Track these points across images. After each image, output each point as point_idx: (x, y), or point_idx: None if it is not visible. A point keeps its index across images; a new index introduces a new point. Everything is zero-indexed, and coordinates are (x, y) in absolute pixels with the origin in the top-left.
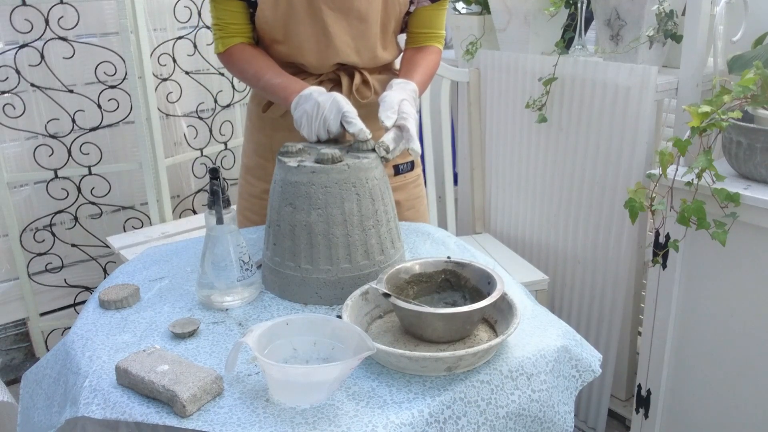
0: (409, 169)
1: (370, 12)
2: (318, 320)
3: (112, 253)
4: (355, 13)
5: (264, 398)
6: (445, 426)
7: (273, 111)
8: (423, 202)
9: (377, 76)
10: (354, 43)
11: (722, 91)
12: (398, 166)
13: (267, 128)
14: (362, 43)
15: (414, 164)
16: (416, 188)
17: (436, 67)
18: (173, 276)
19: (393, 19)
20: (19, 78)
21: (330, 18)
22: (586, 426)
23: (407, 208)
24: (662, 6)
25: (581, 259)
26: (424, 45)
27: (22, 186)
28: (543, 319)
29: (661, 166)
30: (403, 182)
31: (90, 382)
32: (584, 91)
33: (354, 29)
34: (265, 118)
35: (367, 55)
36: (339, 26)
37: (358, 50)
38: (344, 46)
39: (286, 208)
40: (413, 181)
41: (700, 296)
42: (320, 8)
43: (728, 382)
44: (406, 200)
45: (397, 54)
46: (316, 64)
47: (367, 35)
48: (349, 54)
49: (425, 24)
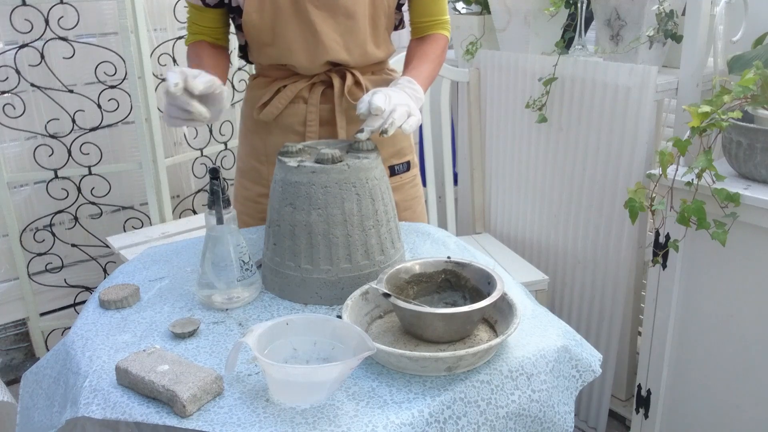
0: (405, 170)
1: (357, 8)
2: (318, 320)
3: (112, 253)
4: (341, 10)
5: (264, 398)
6: (445, 426)
7: (266, 114)
8: (420, 203)
9: (370, 77)
10: (343, 41)
11: (722, 91)
12: (394, 167)
13: (261, 131)
14: (351, 40)
15: (410, 165)
16: (413, 188)
17: (443, 55)
18: (173, 276)
19: (383, 14)
20: (19, 78)
21: (317, 16)
22: (586, 426)
23: (404, 209)
24: (662, 6)
25: (581, 259)
26: (429, 34)
27: (22, 186)
28: (543, 319)
29: (661, 166)
30: (399, 183)
31: (90, 382)
32: (584, 91)
33: (342, 26)
34: (258, 122)
35: (357, 52)
36: (326, 24)
37: (347, 48)
38: (333, 44)
39: (286, 208)
40: (409, 182)
41: (700, 296)
42: (306, 8)
43: (728, 382)
44: (403, 201)
45: (390, 52)
46: (307, 64)
47: (355, 32)
48: (339, 51)
49: (426, 12)
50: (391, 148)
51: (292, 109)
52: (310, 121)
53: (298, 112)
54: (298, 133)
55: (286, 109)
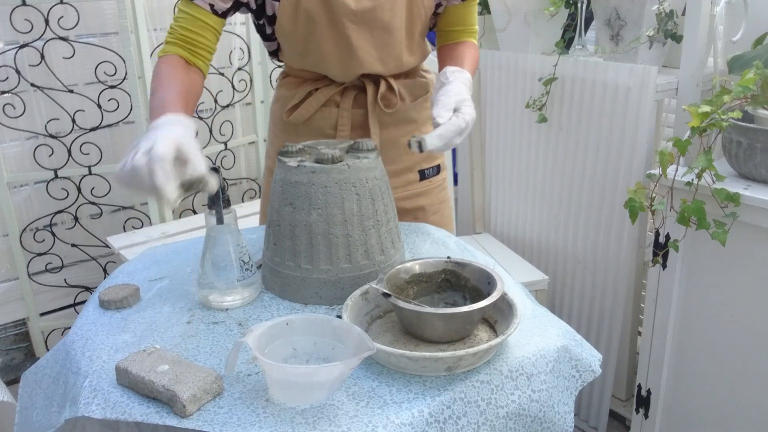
0: (435, 174)
1: (394, 21)
2: (318, 320)
3: (112, 253)
4: (379, 24)
5: (264, 398)
6: (445, 426)
7: (296, 117)
8: (448, 206)
9: (403, 81)
10: (378, 54)
11: (722, 91)
12: (424, 171)
13: (290, 132)
14: (387, 53)
15: (440, 168)
16: (441, 192)
17: (477, 61)
18: (173, 276)
19: (419, 23)
20: (19, 78)
21: (353, 31)
22: (587, 426)
23: (432, 212)
24: (662, 6)
25: (581, 259)
26: (459, 41)
27: (22, 186)
28: (543, 319)
29: (661, 166)
30: (428, 187)
31: (90, 382)
32: (584, 91)
33: (378, 40)
34: (288, 123)
35: (392, 64)
36: (363, 39)
37: (382, 60)
38: (368, 57)
39: (286, 208)
40: (438, 185)
41: (700, 296)
42: (342, 22)
43: (728, 382)
44: (431, 205)
45: (426, 55)
46: (340, 75)
47: (391, 44)
48: (374, 64)
49: (457, 21)
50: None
51: (323, 113)
52: (341, 126)
53: (329, 115)
54: (329, 136)
55: (317, 112)
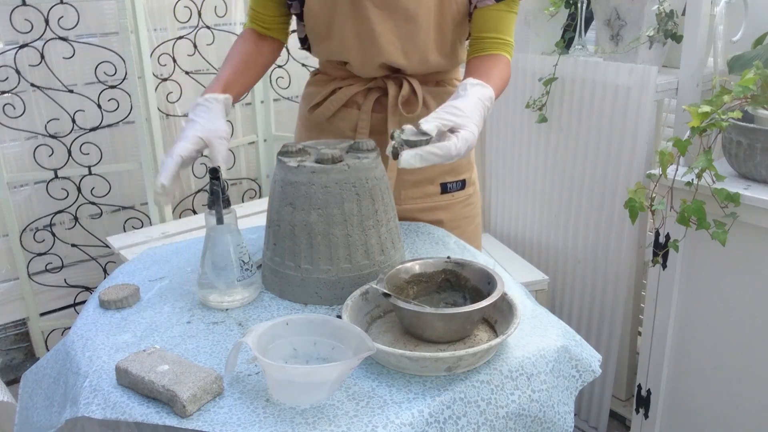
0: (459, 188)
1: (419, 12)
2: (318, 320)
3: (112, 253)
4: (402, 12)
5: (264, 398)
6: (445, 426)
7: (317, 115)
8: (473, 222)
9: (431, 88)
10: (401, 44)
11: (722, 91)
12: (446, 185)
13: (313, 130)
14: (410, 45)
15: (466, 183)
16: (465, 208)
17: (508, 79)
18: (173, 276)
19: (451, 20)
20: (19, 78)
21: (374, 15)
22: (587, 426)
23: (452, 228)
24: (662, 6)
25: (581, 259)
26: (490, 53)
27: (22, 186)
28: (543, 319)
29: (661, 166)
30: (450, 201)
31: (90, 382)
32: (584, 91)
33: (401, 29)
34: (312, 121)
35: (416, 59)
36: (384, 25)
37: (405, 52)
38: (389, 45)
39: (286, 207)
40: (462, 201)
41: (700, 296)
42: (364, 4)
43: (728, 382)
44: (452, 220)
45: (459, 64)
46: (361, 63)
47: (416, 36)
48: (394, 54)
49: (489, 27)
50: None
51: (344, 113)
52: (361, 128)
53: (350, 117)
54: (349, 138)
55: (339, 113)
